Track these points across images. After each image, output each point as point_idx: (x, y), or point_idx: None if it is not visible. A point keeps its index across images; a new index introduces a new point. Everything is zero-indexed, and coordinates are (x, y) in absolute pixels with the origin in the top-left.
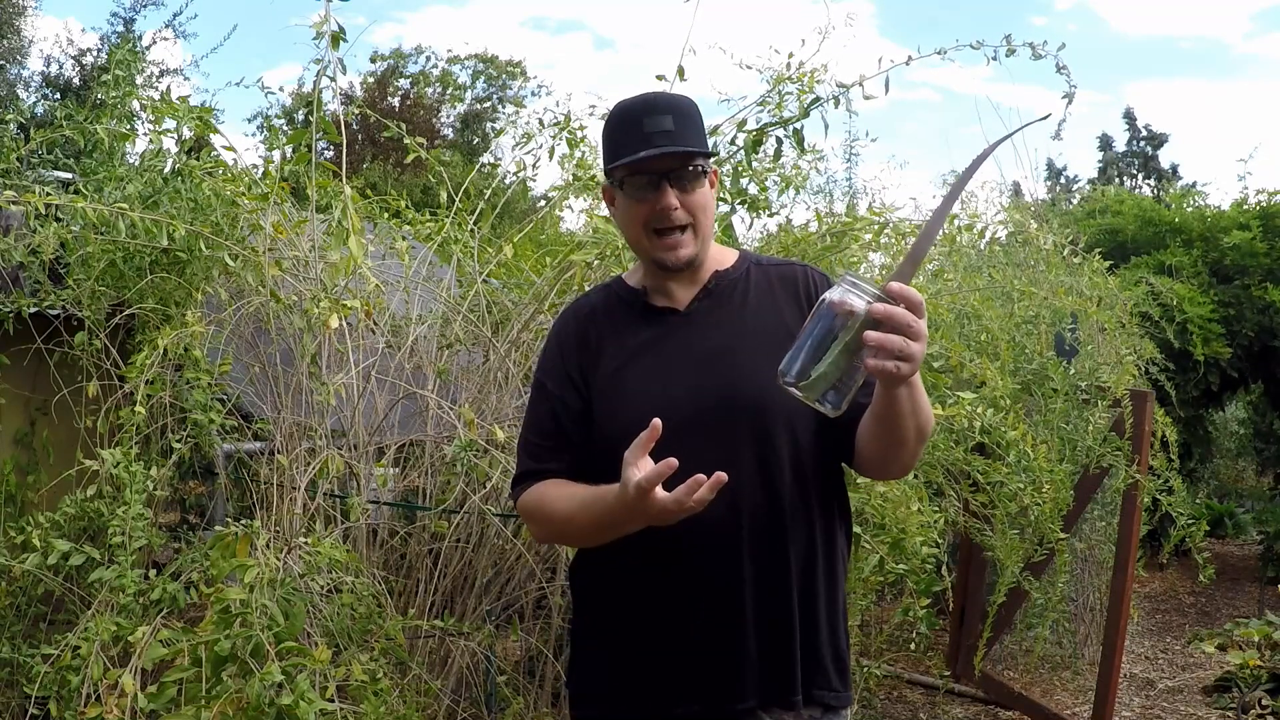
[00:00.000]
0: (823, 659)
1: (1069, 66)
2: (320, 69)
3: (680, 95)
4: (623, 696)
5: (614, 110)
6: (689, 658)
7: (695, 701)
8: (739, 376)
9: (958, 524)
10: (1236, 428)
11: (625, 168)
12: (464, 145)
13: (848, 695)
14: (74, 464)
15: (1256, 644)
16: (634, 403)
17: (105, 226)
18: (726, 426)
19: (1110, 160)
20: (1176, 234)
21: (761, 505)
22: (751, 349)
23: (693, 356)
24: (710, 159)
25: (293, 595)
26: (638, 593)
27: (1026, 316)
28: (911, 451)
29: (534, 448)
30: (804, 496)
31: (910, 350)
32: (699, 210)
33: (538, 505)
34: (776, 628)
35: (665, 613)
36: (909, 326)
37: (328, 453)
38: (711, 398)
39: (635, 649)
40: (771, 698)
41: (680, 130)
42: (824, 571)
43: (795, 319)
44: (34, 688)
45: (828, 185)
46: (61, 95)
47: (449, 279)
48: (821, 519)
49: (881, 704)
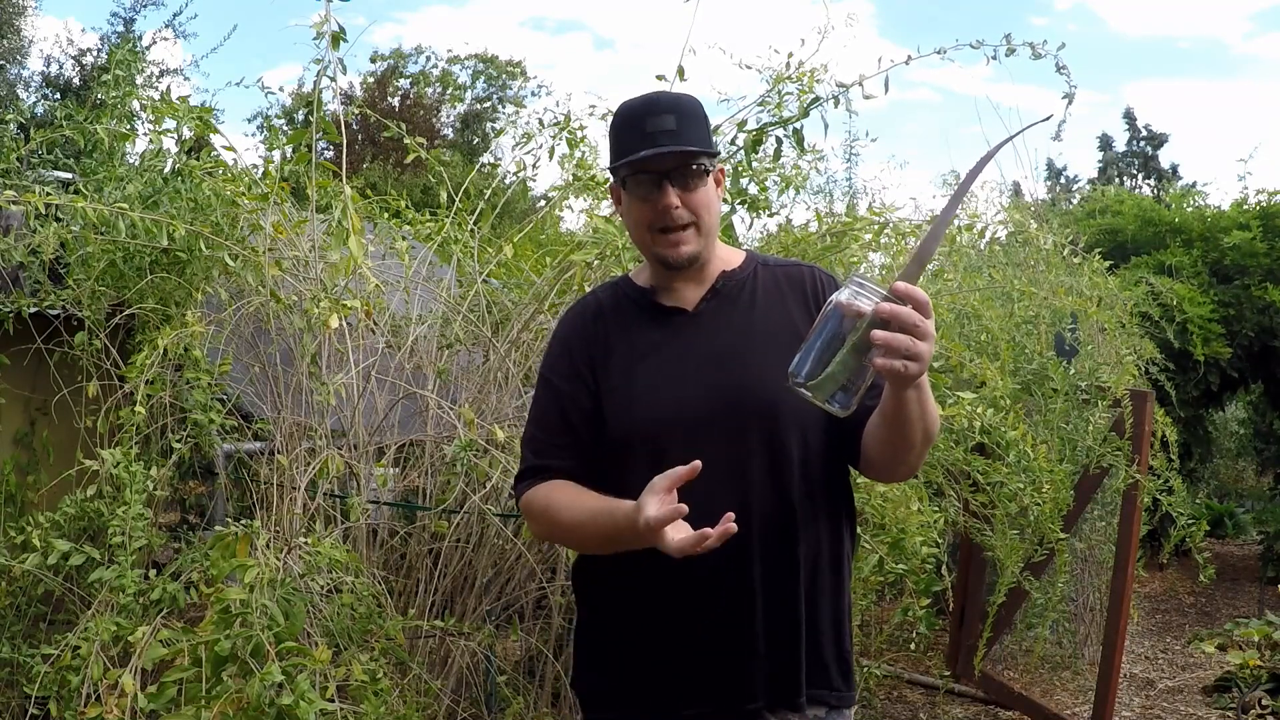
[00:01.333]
0: (827, 660)
1: (1069, 66)
2: (320, 69)
3: (684, 94)
4: (633, 697)
5: (619, 110)
6: (699, 658)
7: (705, 702)
8: (750, 379)
9: (958, 524)
10: (1236, 428)
11: (628, 166)
12: (464, 145)
13: (851, 695)
14: (74, 464)
15: (1256, 644)
16: (643, 403)
17: (105, 226)
18: (737, 428)
19: (1110, 160)
20: (1176, 234)
21: (772, 507)
22: (761, 350)
23: (702, 358)
24: (714, 158)
25: (293, 595)
26: (646, 593)
27: (1026, 316)
28: (918, 454)
29: (539, 444)
30: (813, 499)
31: (918, 349)
32: (701, 208)
33: (544, 508)
34: (784, 629)
35: (675, 613)
36: (916, 326)
37: (328, 453)
38: (723, 400)
39: (644, 649)
40: (778, 698)
41: (683, 129)
42: (830, 573)
43: (803, 320)
44: (34, 688)
45: (828, 185)
46: (61, 95)
47: (449, 279)
48: (829, 521)
49: (881, 704)
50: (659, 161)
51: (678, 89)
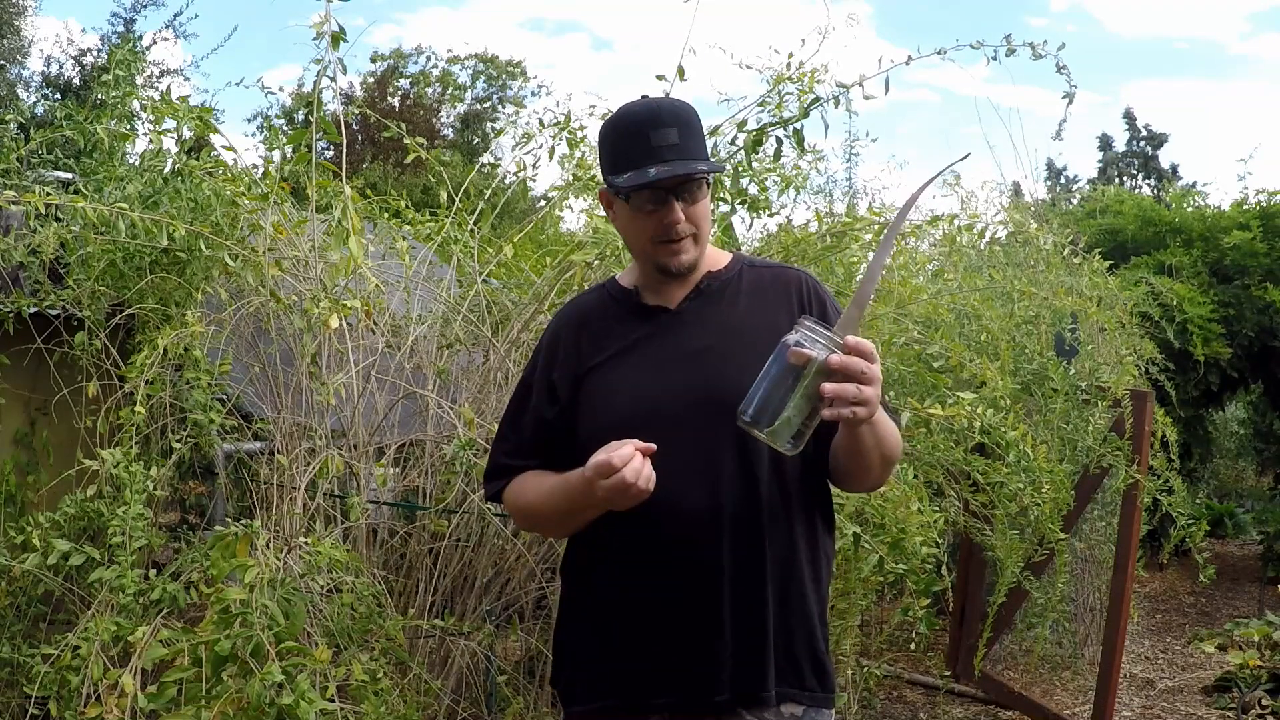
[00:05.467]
0: (799, 658)
1: (1069, 67)
2: (320, 69)
3: (681, 103)
4: (606, 688)
5: (617, 117)
6: (667, 648)
7: (673, 693)
8: (722, 374)
9: (958, 524)
10: (1236, 428)
11: (637, 184)
12: (464, 145)
13: (828, 696)
14: (74, 464)
15: (1256, 644)
16: (621, 398)
17: (105, 226)
18: (709, 423)
19: (1110, 160)
20: (1176, 234)
21: (741, 502)
22: (738, 348)
23: (680, 354)
24: (713, 171)
25: (293, 595)
26: (620, 585)
27: (1026, 316)
28: (878, 475)
29: (512, 446)
30: (784, 496)
31: (864, 395)
32: (701, 219)
33: (516, 496)
34: (751, 624)
35: (644, 604)
36: (862, 373)
37: (328, 453)
38: (695, 394)
39: (615, 640)
40: (744, 692)
41: (685, 143)
42: (805, 573)
43: (787, 322)
44: (34, 688)
45: (828, 185)
46: (61, 95)
47: (449, 279)
48: (803, 520)
49: (881, 704)
50: (668, 179)
51: (678, 89)
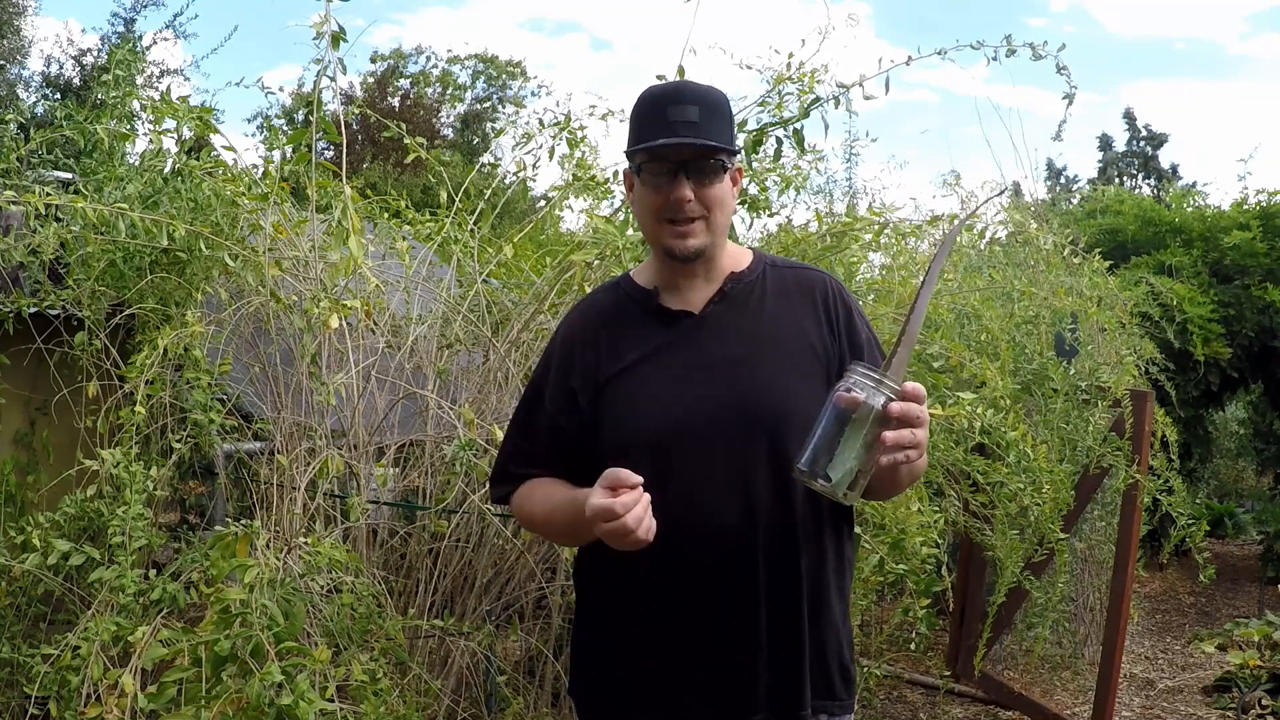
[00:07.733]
0: (831, 670)
1: (1069, 67)
2: (320, 69)
3: (711, 87)
4: (634, 704)
5: (643, 94)
6: (701, 667)
7: (707, 712)
8: (758, 388)
9: (958, 524)
10: (1236, 428)
11: (644, 153)
12: (464, 145)
13: (851, 701)
14: (74, 464)
15: (1256, 644)
16: (646, 410)
17: (105, 226)
18: (743, 437)
19: (1110, 160)
20: (1176, 234)
21: (776, 517)
22: (770, 358)
23: (709, 364)
24: (733, 155)
25: (293, 595)
26: (650, 600)
27: (1026, 316)
28: (903, 488)
29: (524, 454)
30: (816, 510)
31: (919, 439)
32: (714, 204)
33: (521, 505)
34: (787, 640)
35: (678, 620)
36: (917, 418)
37: (328, 453)
38: (729, 408)
39: (646, 656)
40: (781, 710)
41: (705, 123)
42: (833, 584)
43: (814, 328)
44: (34, 688)
45: (828, 185)
46: (61, 95)
47: (449, 279)
48: (832, 532)
49: (881, 704)
50: (676, 151)
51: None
